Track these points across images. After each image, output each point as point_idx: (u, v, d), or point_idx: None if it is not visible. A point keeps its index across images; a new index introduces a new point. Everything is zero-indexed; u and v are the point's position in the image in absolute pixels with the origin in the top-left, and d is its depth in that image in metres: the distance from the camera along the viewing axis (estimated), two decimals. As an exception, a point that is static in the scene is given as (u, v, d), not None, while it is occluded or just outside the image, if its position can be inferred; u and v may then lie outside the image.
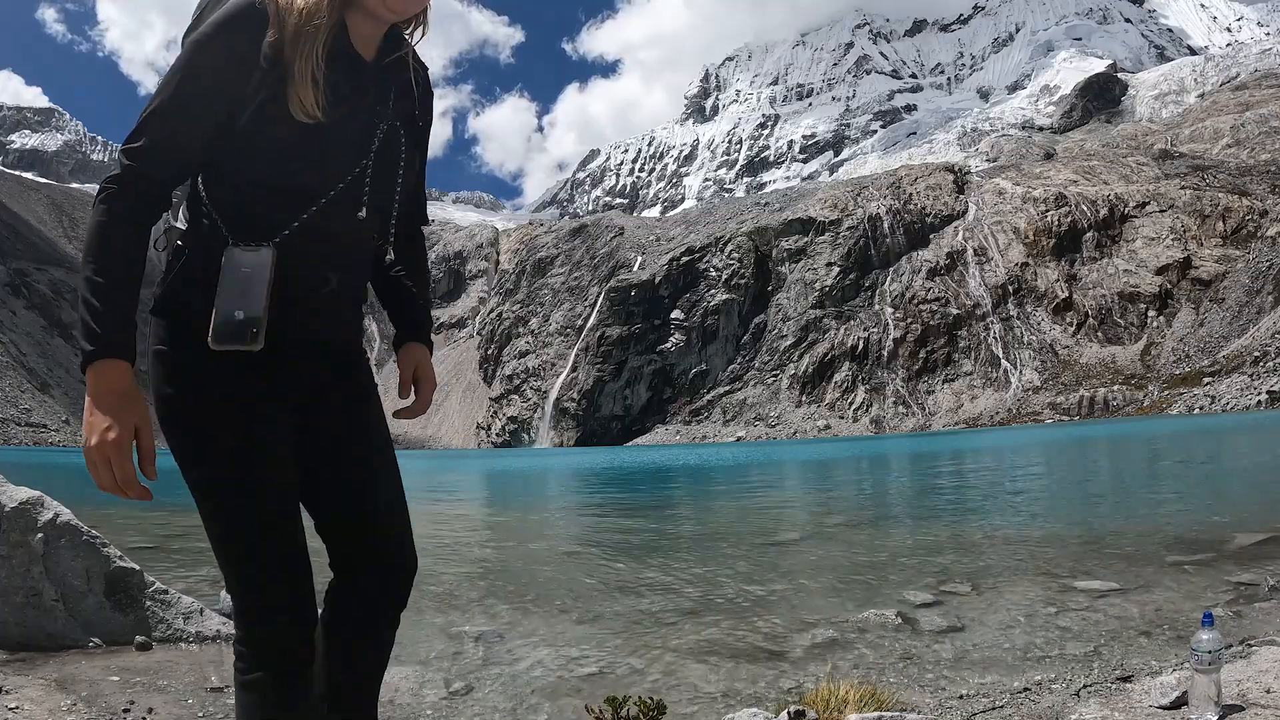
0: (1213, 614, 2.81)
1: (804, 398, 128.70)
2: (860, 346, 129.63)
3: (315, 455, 1.67)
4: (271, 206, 1.60)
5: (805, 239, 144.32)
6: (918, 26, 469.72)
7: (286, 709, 1.51)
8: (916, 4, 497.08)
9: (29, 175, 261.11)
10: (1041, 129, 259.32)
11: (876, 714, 3.14)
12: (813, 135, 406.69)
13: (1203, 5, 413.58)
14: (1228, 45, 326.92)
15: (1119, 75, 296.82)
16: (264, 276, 1.55)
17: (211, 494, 1.54)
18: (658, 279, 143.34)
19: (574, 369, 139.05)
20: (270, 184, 1.59)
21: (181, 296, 1.62)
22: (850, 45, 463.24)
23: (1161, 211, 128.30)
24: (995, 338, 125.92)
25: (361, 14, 1.60)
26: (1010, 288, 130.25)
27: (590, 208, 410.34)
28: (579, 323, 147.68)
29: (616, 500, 18.68)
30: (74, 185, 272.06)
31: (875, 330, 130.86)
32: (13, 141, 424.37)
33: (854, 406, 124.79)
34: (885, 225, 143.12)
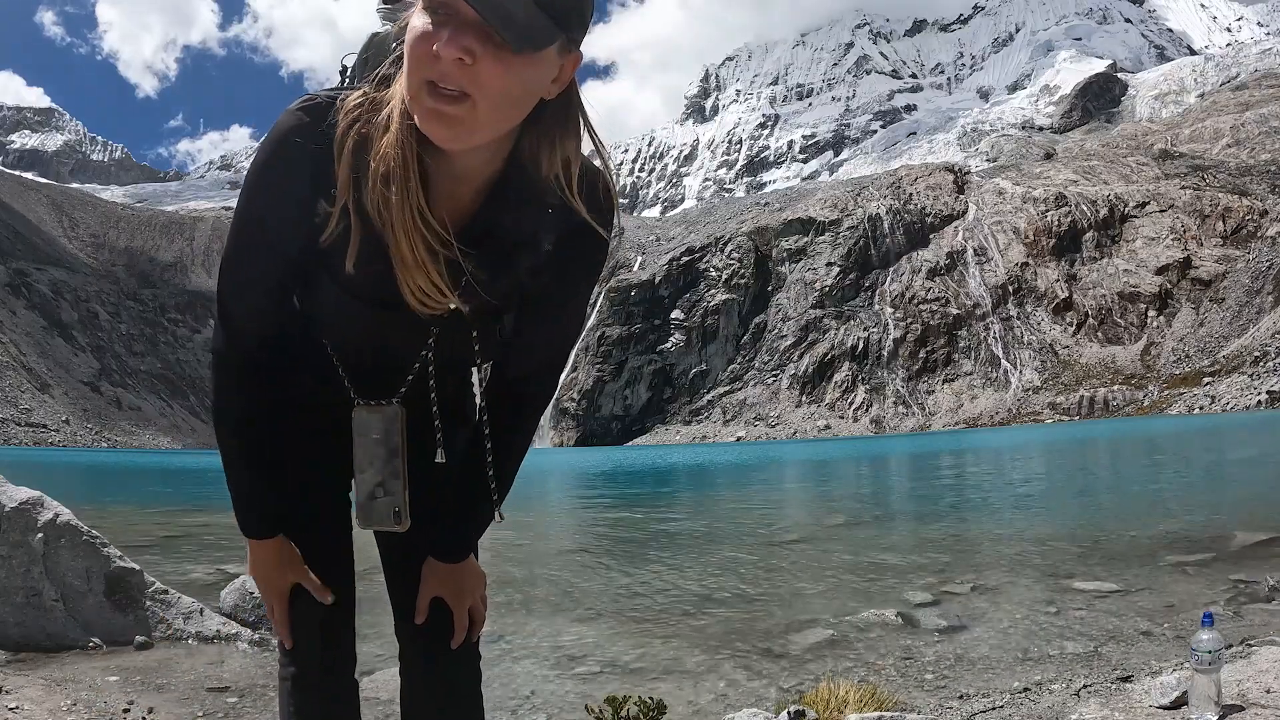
0: (1213, 614, 2.81)
1: (804, 398, 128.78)
2: (860, 346, 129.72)
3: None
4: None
5: (805, 239, 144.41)
6: (918, 26, 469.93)
7: (308, 715, 1.52)
8: (916, 4, 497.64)
9: (29, 175, 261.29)
10: (1041, 129, 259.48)
11: (876, 714, 3.14)
12: (813, 135, 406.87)
13: (1203, 5, 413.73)
14: (1228, 45, 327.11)
15: (1119, 75, 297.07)
16: (396, 441, 1.42)
17: None
18: (658, 279, 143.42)
19: (574, 369, 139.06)
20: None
21: None
22: (850, 45, 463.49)
23: (1161, 211, 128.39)
24: (995, 338, 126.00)
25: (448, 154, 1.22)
26: (1010, 288, 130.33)
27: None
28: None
29: (617, 500, 18.68)
30: (74, 185, 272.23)
31: (875, 330, 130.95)
32: (13, 141, 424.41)
33: (854, 406, 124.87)
34: (885, 225, 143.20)
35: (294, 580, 1.48)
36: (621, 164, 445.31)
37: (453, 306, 1.28)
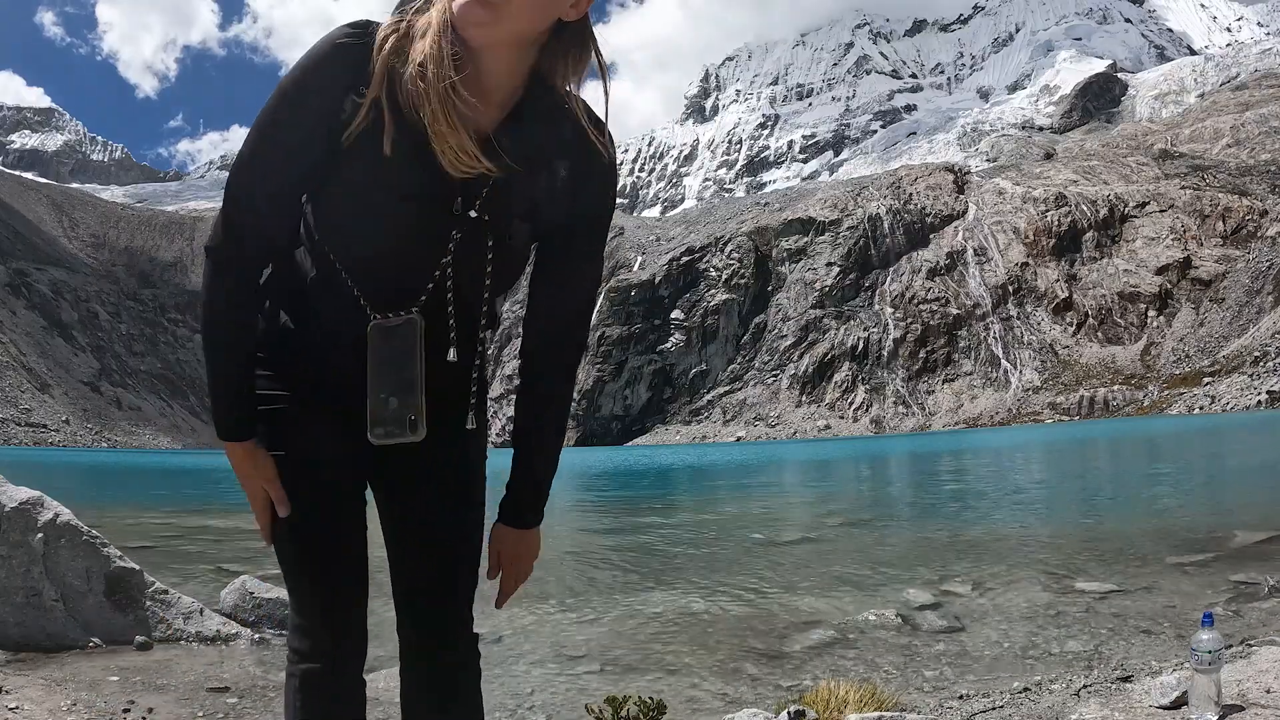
0: (1213, 614, 2.81)
1: (804, 398, 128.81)
2: (860, 346, 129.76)
3: (386, 486, 1.62)
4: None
5: (805, 239, 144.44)
6: (918, 26, 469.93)
7: (314, 712, 1.52)
8: (916, 4, 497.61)
9: (29, 175, 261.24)
10: (1041, 129, 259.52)
11: (876, 714, 3.14)
12: (813, 135, 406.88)
13: (1203, 5, 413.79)
14: (1228, 45, 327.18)
15: (1119, 75, 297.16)
16: (414, 351, 1.44)
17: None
18: (658, 279, 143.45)
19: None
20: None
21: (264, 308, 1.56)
22: (850, 45, 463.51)
23: (1161, 211, 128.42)
24: (995, 338, 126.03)
25: (481, 58, 1.35)
26: (1010, 288, 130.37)
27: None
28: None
29: (617, 500, 18.68)
30: (74, 185, 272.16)
31: (875, 330, 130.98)
32: (13, 141, 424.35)
33: (854, 406, 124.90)
34: (885, 225, 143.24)
35: (263, 485, 1.51)
36: (622, 164, 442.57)
37: (465, 216, 1.40)
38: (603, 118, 1.46)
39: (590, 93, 1.44)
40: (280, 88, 1.38)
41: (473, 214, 1.40)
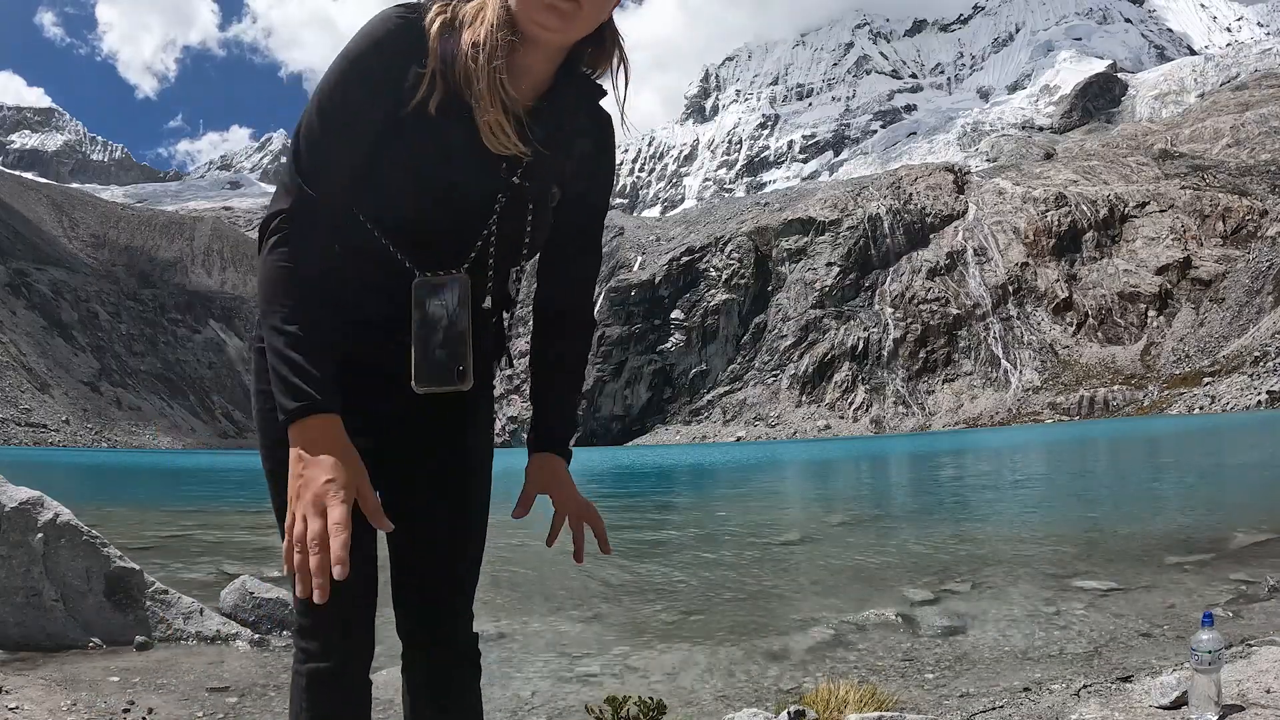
0: (1213, 614, 2.81)
1: (804, 398, 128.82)
2: (860, 346, 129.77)
3: (384, 483, 1.60)
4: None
5: (805, 239, 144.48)
6: (918, 26, 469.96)
7: (321, 711, 1.53)
8: (916, 4, 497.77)
9: (29, 175, 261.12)
10: (1041, 129, 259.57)
11: (876, 714, 3.14)
12: (813, 135, 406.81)
13: (1203, 5, 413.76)
14: (1228, 45, 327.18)
15: (1119, 75, 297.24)
16: (464, 305, 1.50)
17: (271, 490, 1.55)
18: (658, 279, 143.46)
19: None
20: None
21: None
22: (850, 45, 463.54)
23: (1161, 211, 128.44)
24: (995, 338, 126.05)
25: (525, 47, 1.45)
26: (1010, 288, 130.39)
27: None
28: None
29: (617, 500, 18.68)
30: (74, 185, 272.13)
31: (875, 330, 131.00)
32: (13, 141, 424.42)
33: (854, 406, 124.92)
34: (885, 225, 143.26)
35: (348, 484, 1.34)
36: (621, 164, 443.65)
37: (510, 181, 1.49)
38: (620, 104, 1.56)
39: (604, 82, 1.58)
40: (346, 58, 1.42)
41: (516, 180, 1.49)
